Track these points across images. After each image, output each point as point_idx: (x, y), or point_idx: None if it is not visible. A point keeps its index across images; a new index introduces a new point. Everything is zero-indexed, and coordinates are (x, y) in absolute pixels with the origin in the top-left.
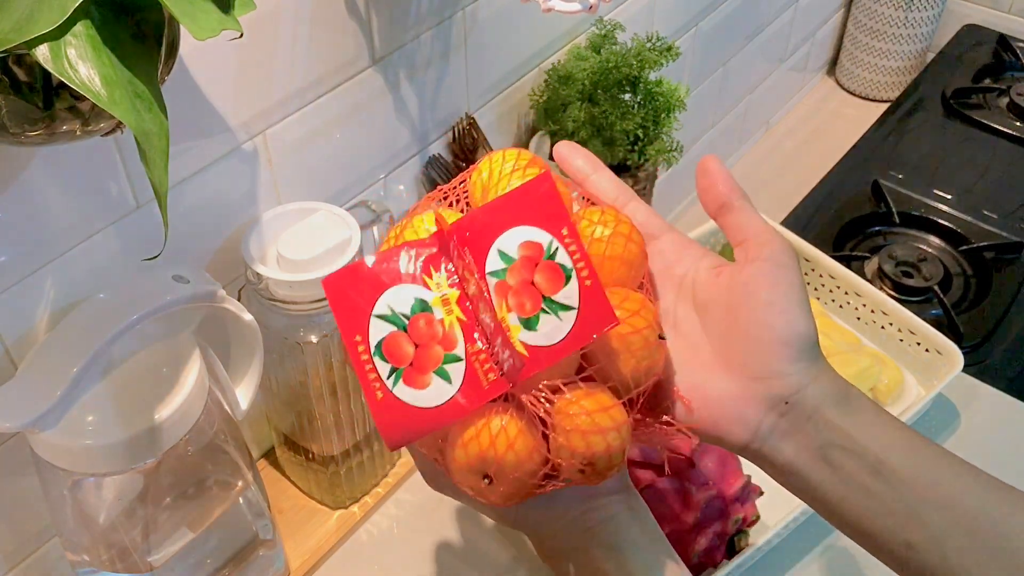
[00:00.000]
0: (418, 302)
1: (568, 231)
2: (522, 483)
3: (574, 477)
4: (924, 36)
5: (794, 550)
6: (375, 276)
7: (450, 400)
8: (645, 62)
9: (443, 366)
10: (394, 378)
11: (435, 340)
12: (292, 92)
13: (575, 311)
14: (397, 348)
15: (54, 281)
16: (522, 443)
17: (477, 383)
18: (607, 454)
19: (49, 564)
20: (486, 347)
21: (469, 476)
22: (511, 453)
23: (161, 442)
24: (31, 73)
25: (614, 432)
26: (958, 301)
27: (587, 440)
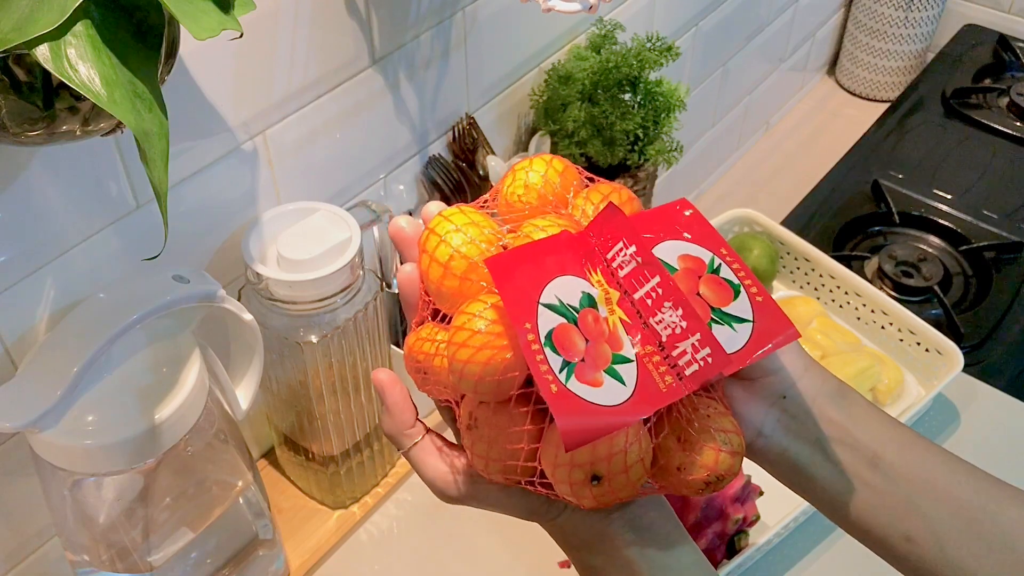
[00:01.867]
0: (585, 296)
1: (727, 251)
2: (630, 488)
3: (696, 487)
4: (924, 36)
5: (794, 550)
6: (540, 261)
7: (628, 401)
8: (645, 62)
9: (613, 366)
10: (566, 372)
11: (603, 338)
12: (292, 92)
13: (751, 323)
14: (568, 341)
15: (54, 281)
16: (648, 456)
17: (653, 385)
18: (731, 474)
19: (49, 564)
20: (656, 350)
21: (575, 473)
22: (638, 466)
23: (161, 442)
24: (31, 73)
25: (739, 456)
26: (958, 301)
27: (718, 455)
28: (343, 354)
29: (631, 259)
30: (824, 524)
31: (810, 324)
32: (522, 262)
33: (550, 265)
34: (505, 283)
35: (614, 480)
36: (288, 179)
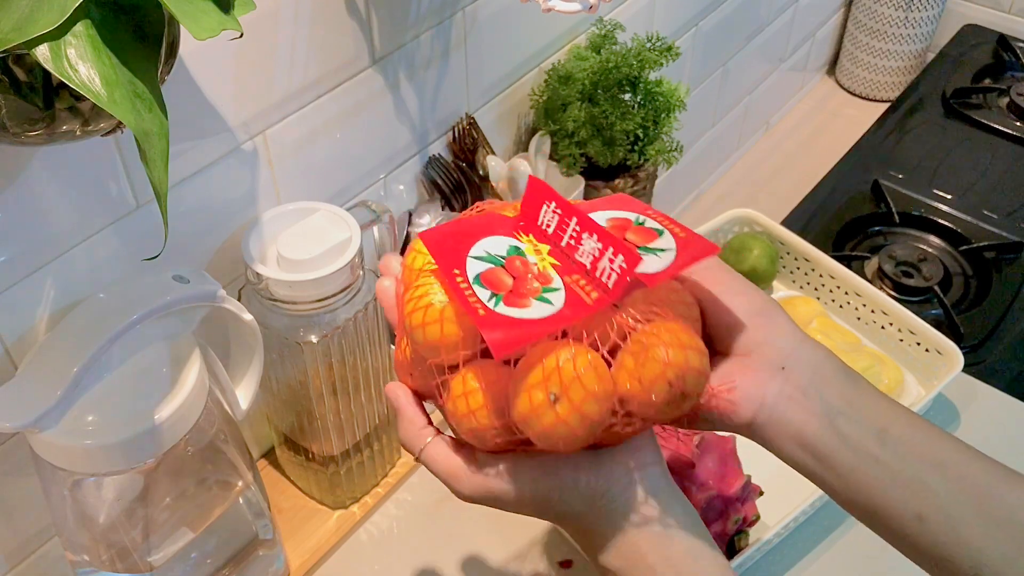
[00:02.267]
0: (513, 247)
1: (653, 212)
2: (594, 404)
3: (655, 406)
4: (924, 36)
5: (794, 550)
6: (469, 230)
7: (554, 315)
8: (645, 62)
9: (543, 294)
10: (495, 300)
11: (532, 276)
12: (292, 92)
13: (674, 250)
14: (496, 279)
15: (54, 281)
16: (599, 366)
17: (580, 301)
18: (694, 371)
19: (49, 564)
20: (583, 276)
21: (534, 396)
22: (589, 372)
23: (161, 442)
24: (31, 73)
25: (696, 352)
26: (958, 301)
27: (677, 354)
28: (343, 354)
29: (553, 214)
30: (824, 524)
31: (810, 324)
32: (454, 233)
33: (480, 232)
34: (438, 248)
35: (572, 393)
36: (288, 179)
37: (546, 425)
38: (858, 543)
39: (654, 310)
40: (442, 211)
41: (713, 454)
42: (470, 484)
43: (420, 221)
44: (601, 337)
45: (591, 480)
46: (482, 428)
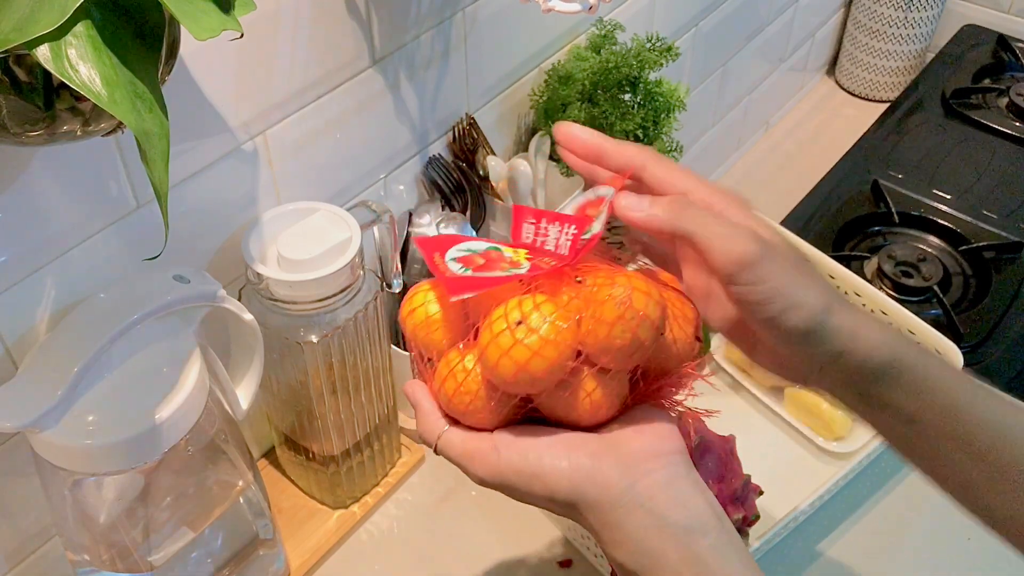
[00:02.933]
0: (492, 247)
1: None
2: (552, 331)
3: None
4: (924, 36)
5: (794, 550)
6: (460, 240)
7: (513, 275)
8: (645, 62)
9: (509, 271)
10: (464, 270)
11: (503, 262)
12: (292, 92)
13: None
14: (470, 260)
15: (54, 281)
16: (559, 303)
17: (538, 268)
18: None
19: (49, 564)
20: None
21: (496, 325)
22: (547, 304)
23: (161, 442)
24: (32, 73)
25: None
26: (958, 301)
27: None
28: (343, 354)
29: (530, 225)
30: (824, 524)
31: None
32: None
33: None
34: (428, 243)
35: (530, 320)
36: (288, 179)
37: (505, 351)
38: (858, 543)
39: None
40: (442, 211)
41: (713, 454)
42: (484, 466)
43: (420, 221)
44: (560, 291)
45: (609, 468)
46: (473, 399)
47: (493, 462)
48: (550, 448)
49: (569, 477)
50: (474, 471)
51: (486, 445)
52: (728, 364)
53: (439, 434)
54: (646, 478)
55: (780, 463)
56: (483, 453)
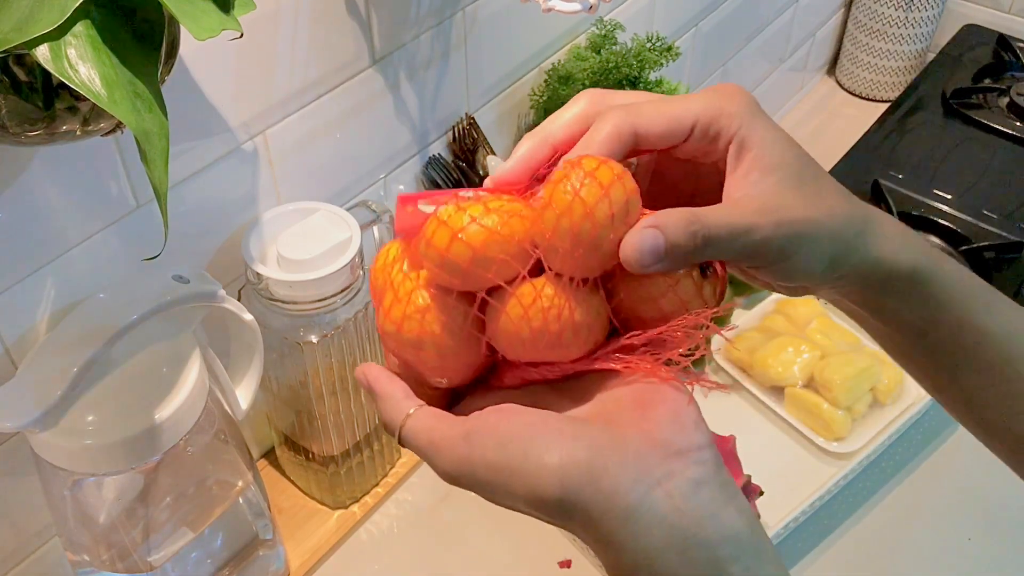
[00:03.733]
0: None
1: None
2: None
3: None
4: (924, 36)
5: (794, 550)
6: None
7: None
8: (645, 62)
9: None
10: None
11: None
12: (292, 92)
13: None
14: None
15: (54, 281)
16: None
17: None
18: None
19: (49, 564)
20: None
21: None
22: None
23: (161, 442)
24: (31, 73)
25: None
26: None
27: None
28: (343, 354)
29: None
30: (824, 524)
31: (810, 324)
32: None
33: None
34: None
35: (487, 200)
36: (288, 179)
37: (457, 231)
38: (858, 543)
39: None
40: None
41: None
42: (451, 458)
43: None
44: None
45: (616, 469)
46: (423, 317)
47: (463, 453)
48: (536, 436)
49: (560, 477)
50: (440, 464)
51: (456, 431)
52: (728, 364)
53: (403, 419)
54: (666, 483)
55: (780, 463)
56: (451, 441)
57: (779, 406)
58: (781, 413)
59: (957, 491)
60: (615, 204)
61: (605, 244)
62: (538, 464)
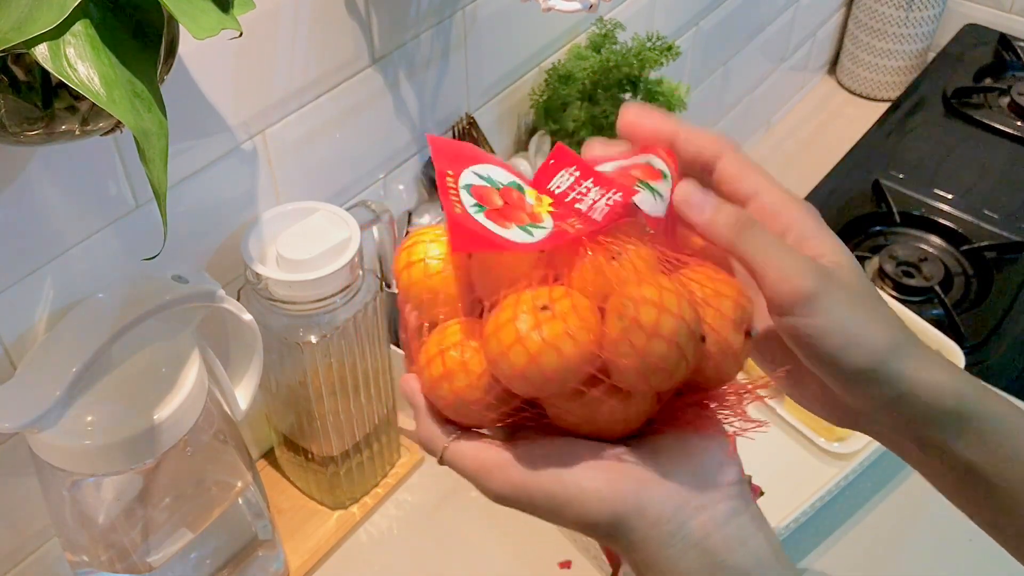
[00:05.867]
0: (514, 182)
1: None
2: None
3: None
4: (925, 35)
5: (794, 550)
6: (479, 155)
7: (527, 243)
8: (645, 61)
9: (527, 226)
10: (477, 209)
11: (523, 211)
12: (292, 91)
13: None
14: (487, 196)
15: (53, 281)
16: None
17: (563, 232)
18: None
19: (48, 564)
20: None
21: (522, 304)
22: (565, 300)
23: (160, 442)
24: (30, 72)
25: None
26: (959, 301)
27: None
28: (343, 354)
29: (570, 176)
30: (824, 524)
31: None
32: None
33: (488, 160)
34: (442, 150)
35: (557, 307)
36: (288, 179)
37: (519, 339)
38: (859, 544)
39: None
40: (442, 211)
41: None
42: (506, 482)
43: (420, 221)
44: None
45: (660, 502)
46: (465, 389)
47: (518, 479)
48: (588, 471)
49: (611, 507)
50: (492, 486)
51: (506, 457)
52: None
53: (448, 443)
54: (701, 515)
55: (781, 464)
56: (503, 466)
57: (780, 406)
58: (782, 413)
59: None
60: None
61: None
62: (593, 496)
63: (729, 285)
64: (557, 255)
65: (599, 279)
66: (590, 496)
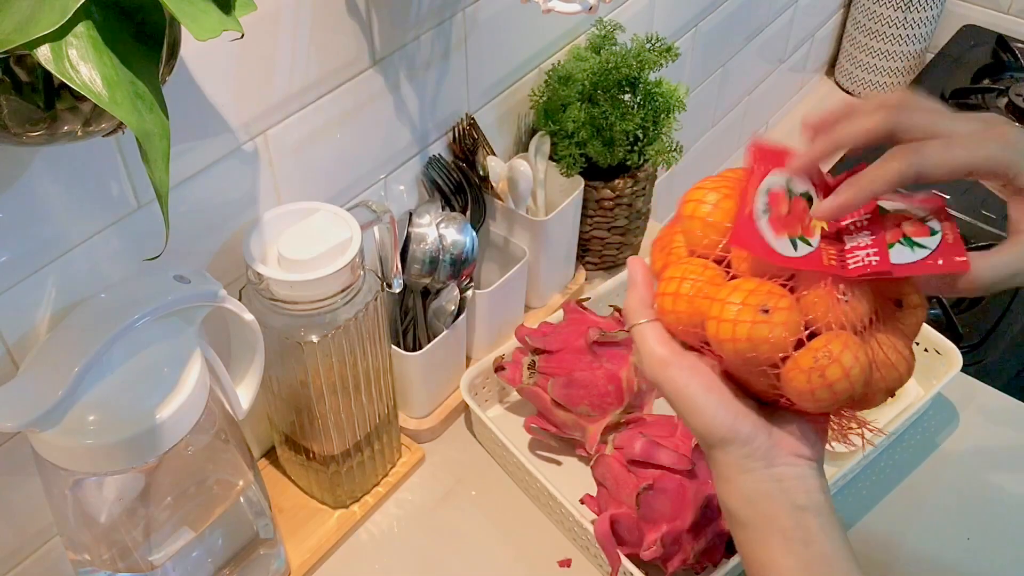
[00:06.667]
0: (806, 193)
1: (944, 216)
2: (788, 327)
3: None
4: (923, 36)
5: None
6: (784, 157)
7: (791, 257)
8: (645, 63)
9: (797, 239)
10: (764, 212)
11: (801, 221)
12: (293, 92)
13: (929, 250)
14: (777, 201)
15: (55, 281)
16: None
17: (818, 258)
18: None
19: (50, 563)
20: (836, 249)
21: (751, 309)
22: (792, 312)
23: (162, 441)
24: (33, 73)
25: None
26: (957, 301)
27: (851, 359)
28: (344, 354)
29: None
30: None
31: None
32: (782, 153)
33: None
34: (762, 151)
35: (778, 312)
36: (289, 179)
37: (719, 315)
38: (858, 543)
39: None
40: (442, 211)
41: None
42: (664, 370)
43: (420, 221)
44: (810, 306)
45: (759, 443)
46: (677, 319)
47: (673, 374)
48: (724, 402)
49: (724, 432)
50: (650, 371)
51: (672, 358)
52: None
53: (643, 321)
54: (784, 467)
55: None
56: (667, 363)
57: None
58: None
59: (957, 491)
60: (851, 390)
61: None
62: (718, 420)
63: (906, 362)
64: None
65: (818, 309)
66: (714, 419)
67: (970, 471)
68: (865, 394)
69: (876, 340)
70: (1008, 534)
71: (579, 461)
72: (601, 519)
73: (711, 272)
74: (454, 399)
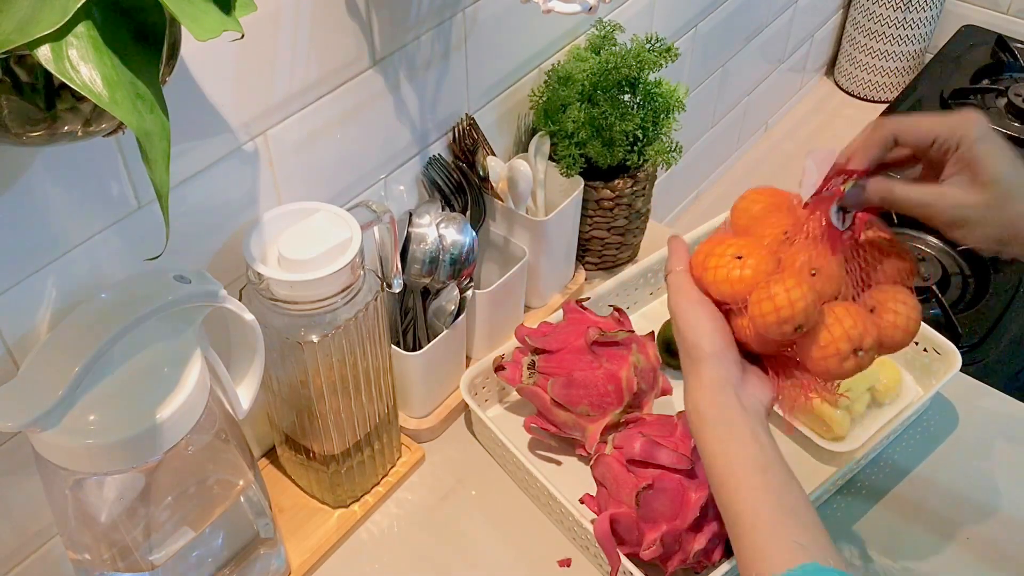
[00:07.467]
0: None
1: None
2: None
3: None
4: (922, 37)
5: None
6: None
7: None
8: (644, 63)
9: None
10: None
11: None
12: (293, 93)
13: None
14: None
15: (56, 281)
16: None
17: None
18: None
19: (50, 563)
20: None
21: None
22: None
23: (162, 441)
24: (33, 74)
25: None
26: (956, 301)
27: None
28: (344, 354)
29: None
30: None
31: None
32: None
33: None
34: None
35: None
36: (289, 179)
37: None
38: (858, 543)
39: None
40: (442, 211)
41: None
42: (683, 302)
43: (420, 221)
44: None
45: (733, 372)
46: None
47: (688, 296)
48: (720, 330)
49: (715, 349)
50: (675, 296)
51: (696, 292)
52: None
53: (679, 269)
54: (748, 400)
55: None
56: (690, 291)
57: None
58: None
59: (956, 491)
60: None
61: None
62: (710, 332)
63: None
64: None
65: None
66: (707, 341)
67: (970, 471)
68: (881, 342)
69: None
70: (1008, 534)
71: (579, 461)
72: (601, 519)
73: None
74: (454, 399)
